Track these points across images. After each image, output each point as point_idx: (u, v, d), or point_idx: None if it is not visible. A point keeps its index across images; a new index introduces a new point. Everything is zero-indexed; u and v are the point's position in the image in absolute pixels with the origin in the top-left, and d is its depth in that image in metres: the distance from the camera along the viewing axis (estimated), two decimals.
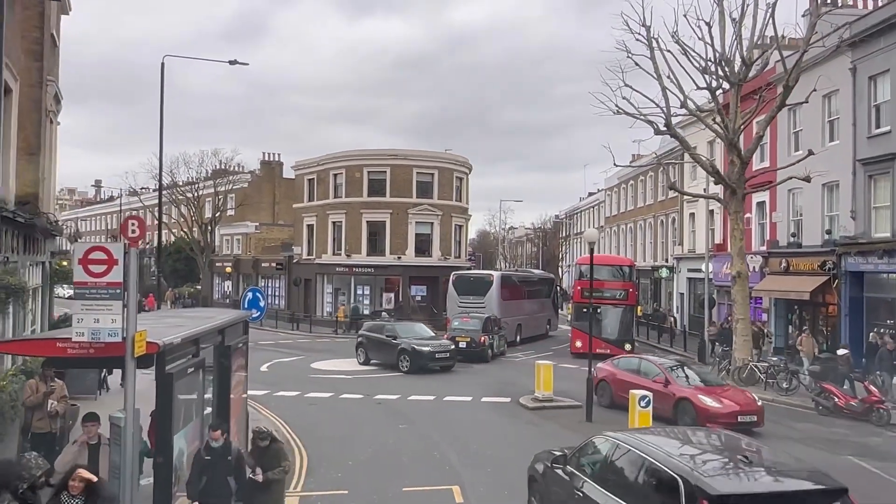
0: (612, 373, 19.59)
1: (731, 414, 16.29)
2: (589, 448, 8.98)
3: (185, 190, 60.87)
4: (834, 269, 26.66)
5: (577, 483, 8.51)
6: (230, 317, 10.86)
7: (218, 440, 8.12)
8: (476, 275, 38.48)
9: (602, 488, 7.90)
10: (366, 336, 28.10)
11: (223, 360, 10.31)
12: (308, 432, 15.95)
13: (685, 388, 17.28)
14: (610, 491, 7.71)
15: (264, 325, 44.29)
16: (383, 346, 26.75)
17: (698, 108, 25.40)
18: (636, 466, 7.51)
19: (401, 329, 27.60)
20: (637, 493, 7.26)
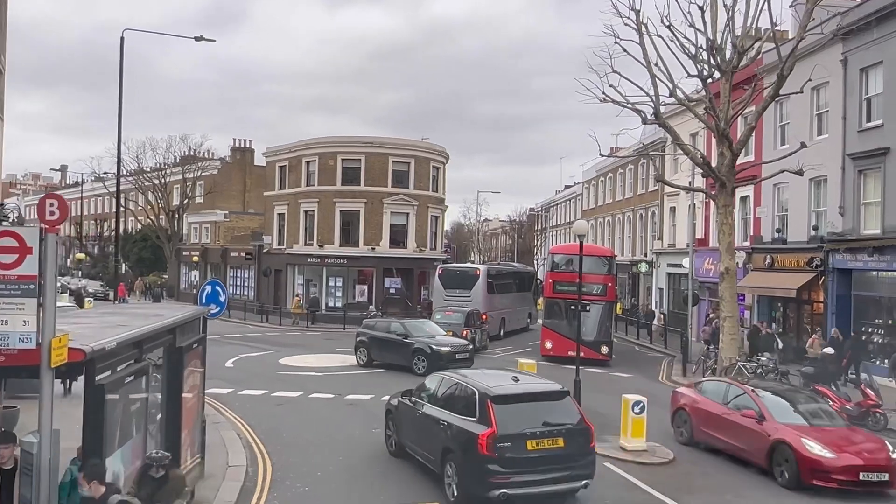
0: (693, 401, 15.23)
1: (850, 469, 11.82)
2: (425, 384, 13.16)
3: (152, 176, 58.91)
4: (821, 266, 26.02)
5: (418, 407, 12.55)
6: (183, 314, 9.58)
7: (89, 491, 6.16)
8: (463, 268, 38.83)
9: (433, 405, 12.16)
10: (368, 335, 25.57)
11: (175, 364, 9.05)
12: (274, 437, 14.73)
13: (786, 427, 12.71)
14: (438, 406, 12.03)
15: (232, 317, 42.82)
16: (392, 346, 24.42)
17: (687, 98, 24.44)
18: (453, 388, 11.93)
19: (411, 327, 25.29)
20: (454, 403, 11.60)
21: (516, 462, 10.23)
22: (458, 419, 11.07)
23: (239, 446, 13.71)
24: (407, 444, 12.88)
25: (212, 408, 17.16)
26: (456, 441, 10.86)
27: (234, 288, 51.47)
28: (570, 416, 11.03)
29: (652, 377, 24.99)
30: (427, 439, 11.94)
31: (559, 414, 10.90)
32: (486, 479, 10.22)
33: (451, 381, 12.05)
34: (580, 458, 10.73)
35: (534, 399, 11.16)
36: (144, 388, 7.57)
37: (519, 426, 10.46)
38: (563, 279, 28.59)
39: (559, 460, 10.48)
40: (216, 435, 14.34)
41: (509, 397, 10.91)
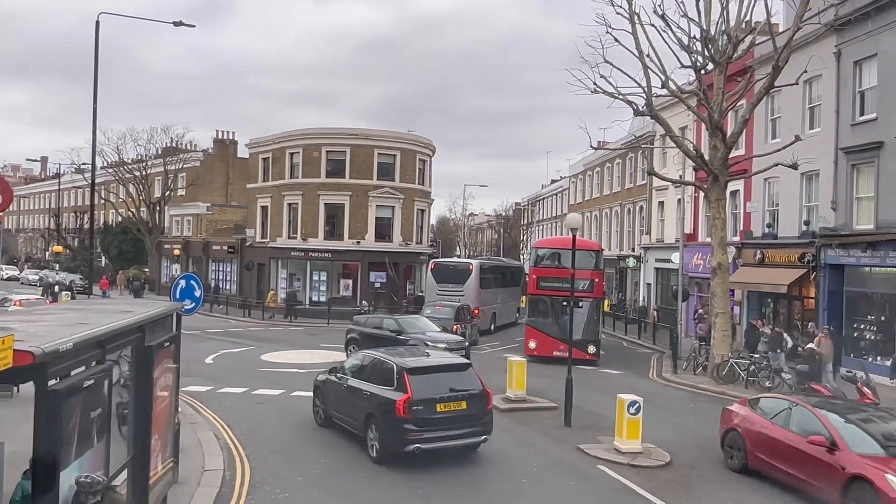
0: (747, 421, 12.85)
1: None
2: (350, 360, 15.36)
3: (132, 168, 57.81)
4: (813, 262, 25.68)
5: (343, 382, 14.24)
6: (153, 310, 8.91)
7: None
8: (455, 263, 39.21)
9: (357, 379, 13.87)
10: (360, 332, 24.86)
11: (143, 364, 8.39)
12: (253, 438, 14.08)
13: (864, 460, 10.41)
14: (361, 379, 13.71)
15: (213, 311, 42.11)
16: (385, 343, 22.03)
17: (679, 89, 23.96)
18: (374, 364, 13.69)
19: (405, 323, 24.49)
20: (375, 376, 13.36)
21: (427, 422, 12.23)
22: (378, 389, 12.95)
23: (216, 448, 13.07)
24: (334, 415, 14.57)
25: (189, 407, 16.52)
26: (377, 407, 12.70)
27: (216, 282, 50.62)
28: (473, 384, 13.05)
29: (642, 374, 24.56)
30: (352, 408, 13.70)
31: (463, 382, 12.97)
32: (403, 437, 12.14)
33: (372, 358, 13.98)
34: (481, 418, 12.84)
35: (442, 370, 13.32)
36: (107, 392, 6.91)
37: (429, 392, 12.44)
38: (548, 274, 27.30)
39: (463, 419, 12.58)
40: (193, 436, 13.69)
41: (421, 369, 12.97)
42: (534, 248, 31.21)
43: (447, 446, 12.40)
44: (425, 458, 12.20)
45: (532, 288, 28.02)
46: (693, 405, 19.13)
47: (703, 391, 21.06)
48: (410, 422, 12.07)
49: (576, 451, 13.44)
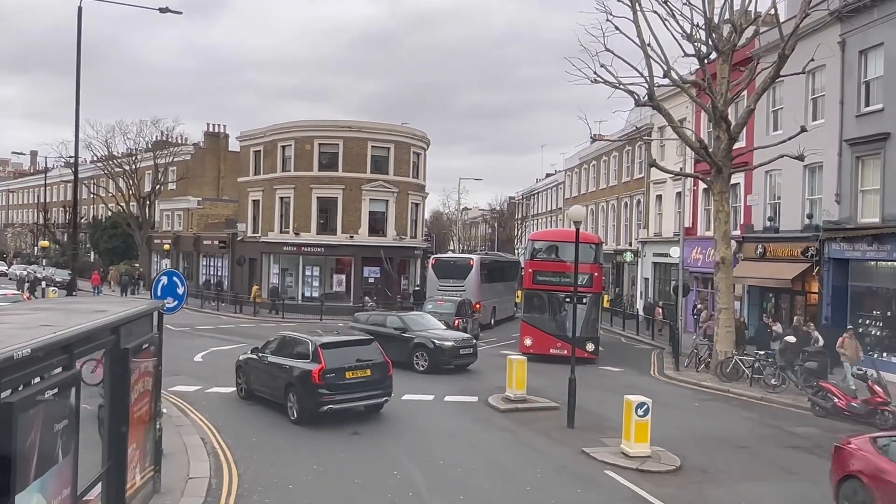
0: (873, 466, 9.77)
1: None
2: (271, 341, 16.85)
3: (122, 161, 56.85)
4: (816, 256, 25.14)
5: (264, 359, 16.25)
6: (129, 309, 8.23)
7: None
8: (456, 258, 39.65)
9: (277, 356, 15.91)
10: (363, 329, 22.94)
11: (119, 369, 7.73)
12: (242, 441, 13.42)
13: None
14: (281, 356, 15.78)
15: (204, 307, 41.36)
16: (389, 342, 21.49)
17: (681, 79, 23.31)
18: (294, 342, 15.89)
19: (409, 320, 23.36)
20: (293, 352, 15.53)
21: (338, 386, 14.63)
22: (297, 362, 15.10)
23: (202, 453, 12.40)
24: (256, 389, 16.69)
25: (176, 408, 15.87)
26: (296, 377, 14.89)
27: (207, 277, 49.86)
28: (376, 355, 15.51)
29: (643, 371, 23.97)
30: (272, 381, 15.82)
31: (367, 353, 15.47)
32: (318, 400, 14.49)
33: (290, 338, 16.28)
34: (382, 382, 15.35)
35: (350, 345, 15.72)
36: (74, 402, 6.25)
37: (340, 363, 14.79)
38: (544, 268, 26.18)
39: (367, 384, 15.09)
40: (178, 440, 13.03)
41: (332, 344, 15.35)
42: (529, 241, 29.56)
43: (355, 406, 15.10)
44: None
45: (528, 282, 26.76)
46: (698, 404, 18.55)
47: (707, 389, 20.49)
48: (324, 387, 14.40)
49: (581, 454, 12.81)
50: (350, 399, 14.79)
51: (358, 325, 24.27)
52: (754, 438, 14.73)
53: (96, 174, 61.20)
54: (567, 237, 27.06)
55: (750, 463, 12.91)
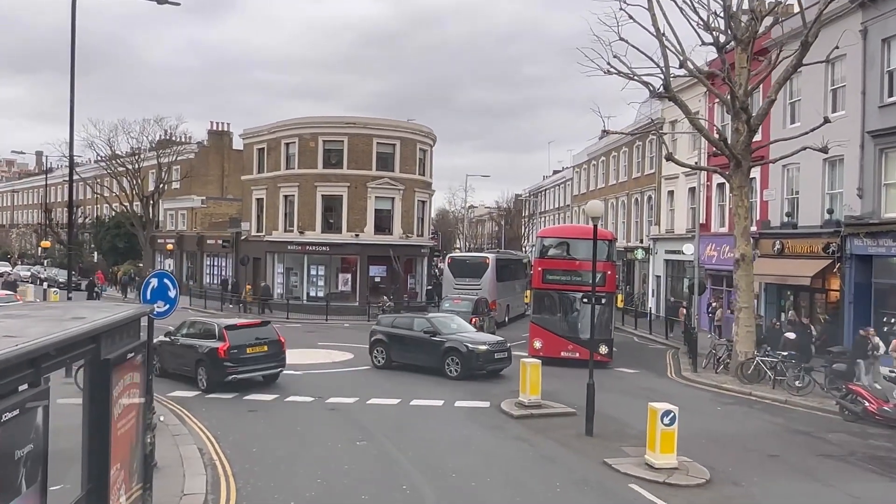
0: None
1: None
2: (181, 326, 19.63)
3: (125, 161, 56.18)
4: (838, 252, 24.26)
5: (176, 342, 19.11)
6: (112, 315, 7.47)
7: None
8: (472, 257, 39.62)
9: (187, 338, 18.91)
10: (388, 333, 22.33)
11: (99, 382, 6.96)
12: (242, 452, 12.68)
13: None
14: (191, 338, 18.83)
15: (208, 307, 40.65)
16: (418, 346, 21.18)
17: (697, 70, 22.45)
18: (202, 325, 19.35)
19: (439, 323, 21.87)
20: (202, 334, 18.68)
21: (240, 360, 17.70)
22: (205, 342, 18.03)
23: (199, 466, 11.66)
24: (169, 367, 19.12)
25: (174, 415, 15.15)
26: (205, 354, 17.83)
27: (210, 277, 49.22)
28: (272, 335, 18.79)
29: (660, 373, 23.12)
30: (184, 358, 18.54)
31: (264, 333, 18.75)
32: (224, 372, 17.54)
33: (198, 322, 19.68)
34: (277, 356, 18.71)
35: (249, 327, 18.90)
36: (42, 423, 5.49)
37: (241, 341, 17.80)
38: (555, 267, 25.00)
39: (265, 358, 18.35)
40: (174, 451, 12.31)
41: (235, 326, 18.53)
42: (539, 238, 28.23)
43: (254, 375, 18.24)
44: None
45: (537, 281, 25.35)
46: (720, 408, 17.71)
47: (729, 392, 19.65)
48: (229, 361, 17.43)
49: (602, 466, 11.99)
50: (250, 370, 17.99)
51: (381, 328, 22.87)
52: (784, 446, 13.91)
53: (99, 174, 60.58)
54: (579, 233, 26.43)
55: (783, 474, 12.08)
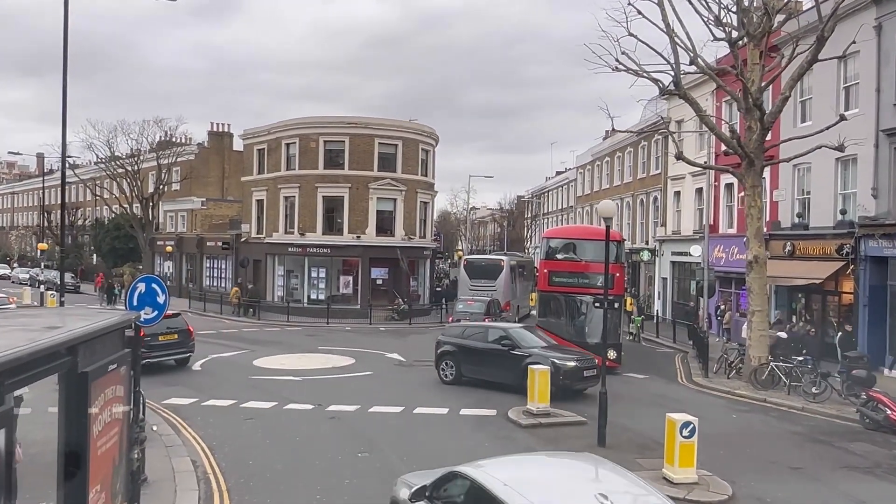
0: None
1: None
2: None
3: (124, 162, 55.62)
4: (851, 254, 23.63)
5: None
6: (93, 323, 6.87)
7: None
8: (488, 259, 40.40)
9: None
10: (457, 344, 19.97)
11: (76, 397, 6.36)
12: (238, 464, 12.07)
13: None
14: None
15: (207, 310, 40.08)
16: (494, 359, 18.85)
17: (709, 66, 21.84)
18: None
19: (517, 334, 19.47)
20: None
21: (154, 347, 20.00)
22: None
23: (192, 480, 11.05)
24: None
25: (168, 425, 14.56)
26: None
27: (210, 280, 48.64)
28: (182, 325, 21.43)
29: (670, 378, 22.48)
30: None
31: (175, 323, 21.11)
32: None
33: None
34: (186, 343, 21.43)
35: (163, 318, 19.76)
36: (4, 445, 4.89)
37: (154, 330, 18.57)
38: (562, 269, 24.09)
39: (175, 345, 21.06)
40: (166, 464, 11.71)
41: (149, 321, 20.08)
42: (544, 239, 26.76)
43: (165, 360, 20.88)
44: None
45: (543, 284, 24.52)
46: (736, 416, 17.07)
47: (742, 398, 19.01)
48: (144, 348, 17.34)
49: None
50: (162, 355, 20.65)
51: (449, 338, 20.47)
52: (806, 457, 13.29)
53: (98, 175, 60.04)
54: (586, 234, 25.82)
55: (808, 489, 11.44)
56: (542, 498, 6.23)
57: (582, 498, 6.25)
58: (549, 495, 6.41)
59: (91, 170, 64.06)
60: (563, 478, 7.13)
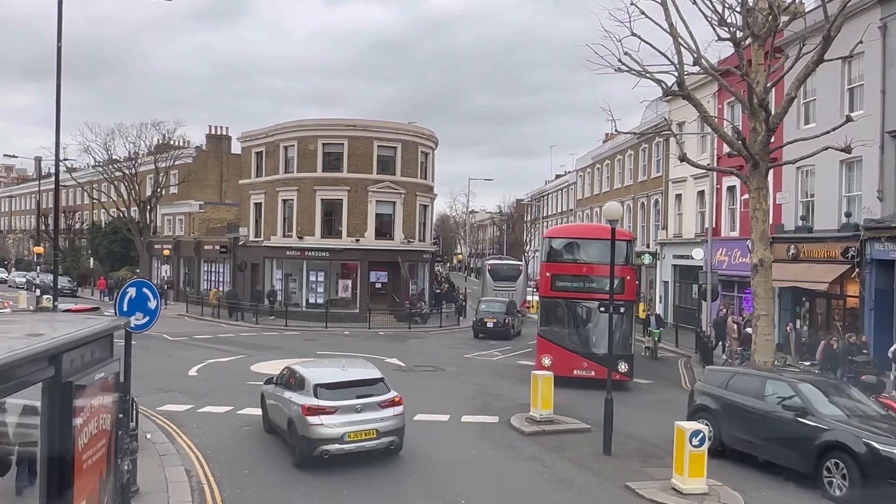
0: None
1: None
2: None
3: (122, 165, 55.31)
4: (857, 257, 23.34)
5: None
6: (78, 330, 6.53)
7: None
8: (509, 264, 46.30)
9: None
10: (719, 398, 13.97)
11: (60, 408, 6.02)
12: (234, 474, 11.72)
13: None
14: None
15: (204, 314, 39.73)
16: (772, 428, 12.49)
17: (712, 67, 21.53)
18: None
19: (810, 393, 12.53)
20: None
21: None
22: None
23: (186, 491, 10.70)
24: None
25: (162, 432, 14.20)
26: None
27: (208, 283, 48.25)
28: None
29: (673, 383, 22.16)
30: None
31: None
32: None
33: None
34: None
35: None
36: None
37: None
38: (566, 271, 21.74)
39: None
40: (159, 474, 11.36)
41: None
42: (545, 239, 23.90)
43: None
44: None
45: (545, 289, 22.01)
46: None
47: None
48: None
49: (625, 490, 11.01)
50: None
51: (708, 387, 14.64)
52: None
53: (96, 179, 59.70)
54: (591, 233, 23.63)
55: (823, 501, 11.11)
56: None
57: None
58: None
59: (88, 173, 63.78)
60: None
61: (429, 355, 26.56)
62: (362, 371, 13.51)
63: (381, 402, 12.48)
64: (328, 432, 11.83)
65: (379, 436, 12.23)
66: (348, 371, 13.33)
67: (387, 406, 12.51)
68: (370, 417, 12.21)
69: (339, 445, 11.86)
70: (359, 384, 12.75)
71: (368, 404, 12.33)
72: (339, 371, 13.34)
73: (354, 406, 12.17)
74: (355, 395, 12.40)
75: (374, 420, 12.24)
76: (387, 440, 12.38)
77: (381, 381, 13.02)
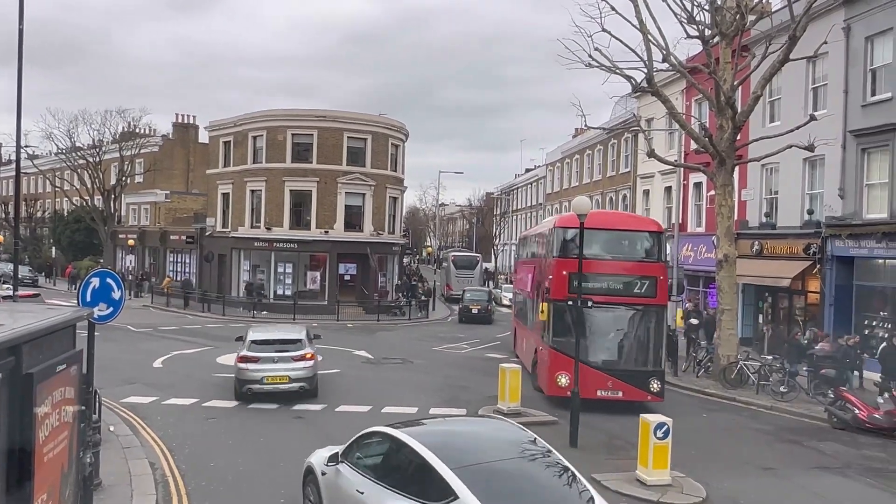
0: None
1: None
2: None
3: (85, 153, 54.21)
4: (818, 254, 23.83)
5: None
6: (39, 321, 6.40)
7: None
8: (468, 255, 58.71)
9: None
10: None
11: (19, 400, 5.90)
12: (199, 466, 11.60)
13: None
14: None
15: (171, 305, 39.22)
16: None
17: (681, 64, 21.82)
18: None
19: None
20: None
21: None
22: None
23: (150, 484, 10.56)
24: None
25: (126, 425, 14.00)
26: None
27: (174, 274, 47.62)
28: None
29: None
30: None
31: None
32: None
33: None
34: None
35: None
36: None
37: None
38: (587, 269, 15.96)
39: None
40: (122, 466, 11.20)
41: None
42: (556, 229, 18.22)
43: None
44: None
45: (560, 291, 16.86)
46: (706, 415, 17.03)
47: (712, 397, 19.02)
48: None
49: (590, 482, 11.12)
50: None
51: None
52: (777, 457, 13.24)
53: (59, 166, 58.46)
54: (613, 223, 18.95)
55: (782, 491, 11.36)
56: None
57: None
58: None
59: (50, 161, 62.37)
60: None
61: (397, 348, 26.56)
62: (286, 333, 17.46)
63: (294, 356, 16.20)
64: (252, 375, 16.05)
65: (291, 381, 16.03)
66: (275, 333, 17.36)
67: (299, 360, 16.24)
68: (284, 367, 16.07)
69: (259, 386, 15.98)
70: (280, 343, 16.63)
71: (283, 357, 16.13)
72: (270, 332, 17.44)
73: (272, 357, 16.03)
74: (275, 350, 16.20)
75: (287, 369, 16.06)
76: (297, 385, 16.11)
77: (299, 341, 16.69)
